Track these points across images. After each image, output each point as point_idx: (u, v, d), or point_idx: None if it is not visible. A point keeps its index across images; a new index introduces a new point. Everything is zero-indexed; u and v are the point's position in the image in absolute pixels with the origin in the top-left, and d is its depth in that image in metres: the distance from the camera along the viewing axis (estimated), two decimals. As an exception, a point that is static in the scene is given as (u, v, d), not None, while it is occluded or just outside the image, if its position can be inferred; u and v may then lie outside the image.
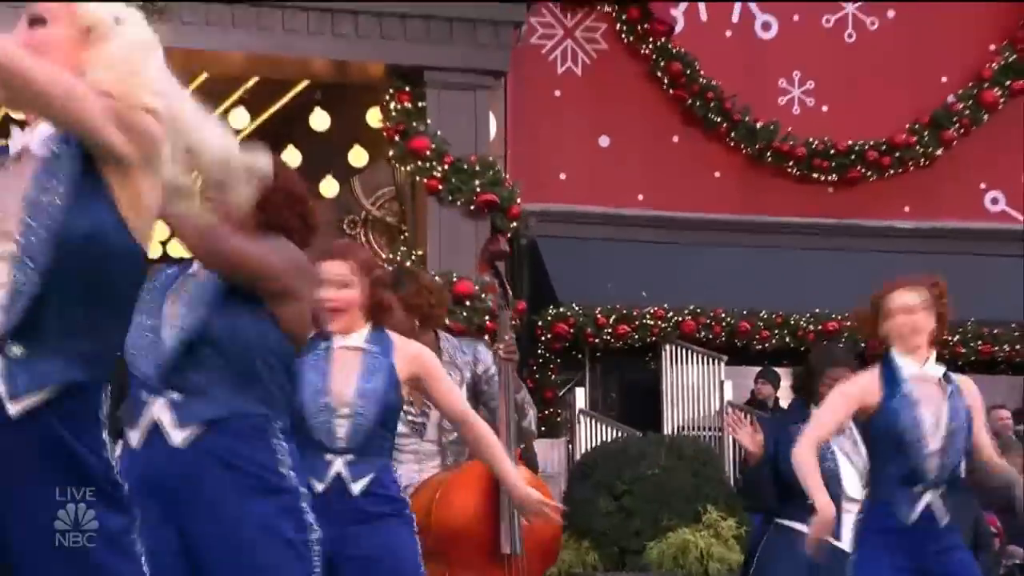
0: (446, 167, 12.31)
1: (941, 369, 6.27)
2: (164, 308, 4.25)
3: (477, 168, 12.47)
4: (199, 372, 4.09)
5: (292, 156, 13.47)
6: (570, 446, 14.07)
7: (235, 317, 4.16)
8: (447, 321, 11.84)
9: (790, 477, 6.98)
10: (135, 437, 4.15)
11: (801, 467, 6.24)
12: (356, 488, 5.27)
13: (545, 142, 15.64)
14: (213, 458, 4.06)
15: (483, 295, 12.30)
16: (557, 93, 15.90)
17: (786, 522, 7.41)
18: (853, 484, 7.13)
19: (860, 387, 6.28)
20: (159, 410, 4.13)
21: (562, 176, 15.91)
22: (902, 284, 6.34)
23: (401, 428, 5.93)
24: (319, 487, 5.09)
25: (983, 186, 16.51)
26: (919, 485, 6.02)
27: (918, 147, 16.46)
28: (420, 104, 12.39)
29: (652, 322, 15.09)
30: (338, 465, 5.22)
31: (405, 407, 5.83)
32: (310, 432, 5.24)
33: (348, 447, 5.26)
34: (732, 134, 16.23)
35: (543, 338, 14.76)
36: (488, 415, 7.10)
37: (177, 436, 4.06)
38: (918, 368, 6.19)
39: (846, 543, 6.84)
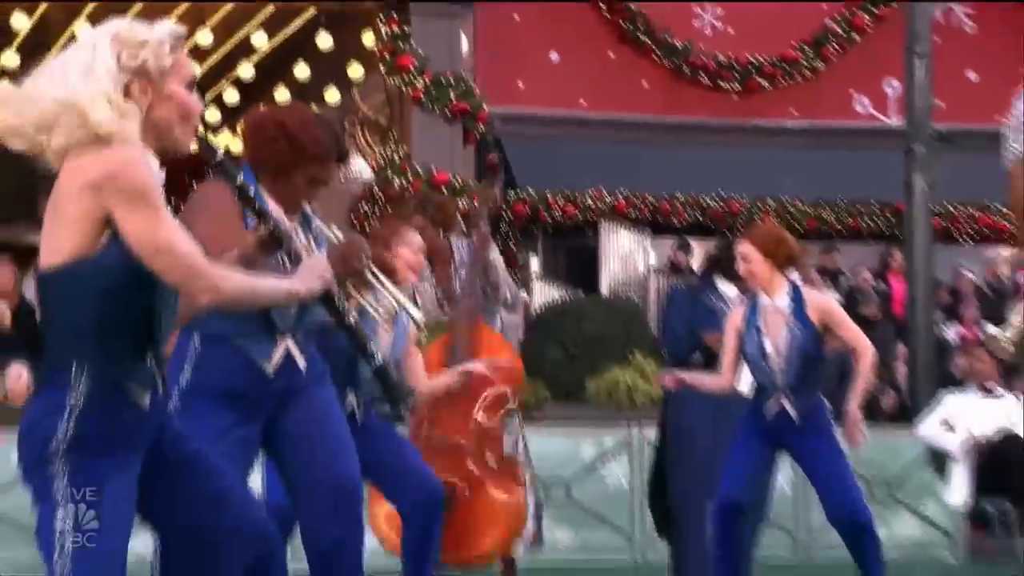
0: (427, 80, 12.32)
1: (787, 300, 6.21)
2: None
3: (452, 81, 12.45)
4: None
5: (302, 70, 13.36)
6: (526, 305, 14.10)
7: None
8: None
9: (699, 338, 7.13)
10: None
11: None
12: None
13: (507, 58, 15.57)
14: None
15: (459, 186, 12.32)
16: (516, 18, 15.81)
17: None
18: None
19: (734, 320, 6.37)
20: None
21: (521, 85, 15.94)
22: (746, 236, 6.40)
23: None
24: None
25: (853, 93, 16.44)
26: (771, 391, 6.11)
27: (803, 62, 16.47)
28: (406, 29, 12.42)
29: (592, 203, 15.15)
30: None
31: None
32: None
33: None
34: (657, 51, 16.18)
35: (505, 216, 14.77)
36: (491, 295, 7.25)
37: None
38: (769, 302, 6.22)
39: (747, 388, 6.87)
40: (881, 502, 10.67)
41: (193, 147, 2.94)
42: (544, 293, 14.21)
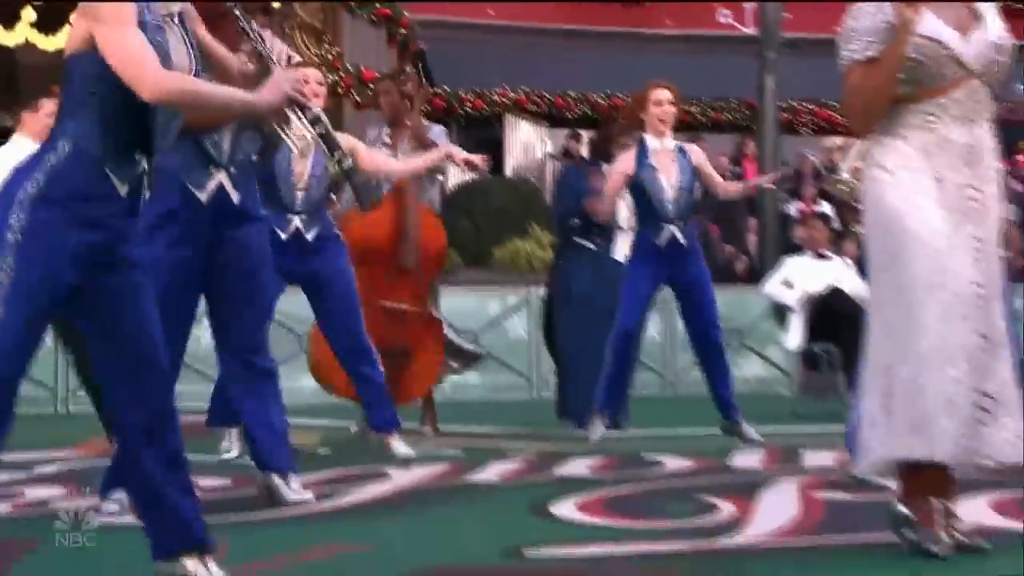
0: None
1: (674, 143, 6.44)
2: None
3: None
4: None
5: None
6: (443, 184, 14.07)
7: None
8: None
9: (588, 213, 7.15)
10: None
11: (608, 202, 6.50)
12: None
13: None
14: None
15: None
16: None
17: (581, 240, 7.39)
18: (625, 217, 7.22)
19: (624, 166, 6.41)
20: None
21: (436, -2, 15.67)
22: (657, 83, 6.47)
23: None
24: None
25: (717, 7, 16.44)
26: (663, 222, 6.25)
27: None
28: None
29: (498, 99, 15.09)
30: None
31: None
32: None
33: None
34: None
35: (426, 108, 14.67)
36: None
37: None
38: (659, 144, 6.34)
39: (620, 257, 6.98)
40: (734, 348, 10.91)
41: None
42: (457, 174, 14.19)
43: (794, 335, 8.71)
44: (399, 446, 5.77)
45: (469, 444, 6.63)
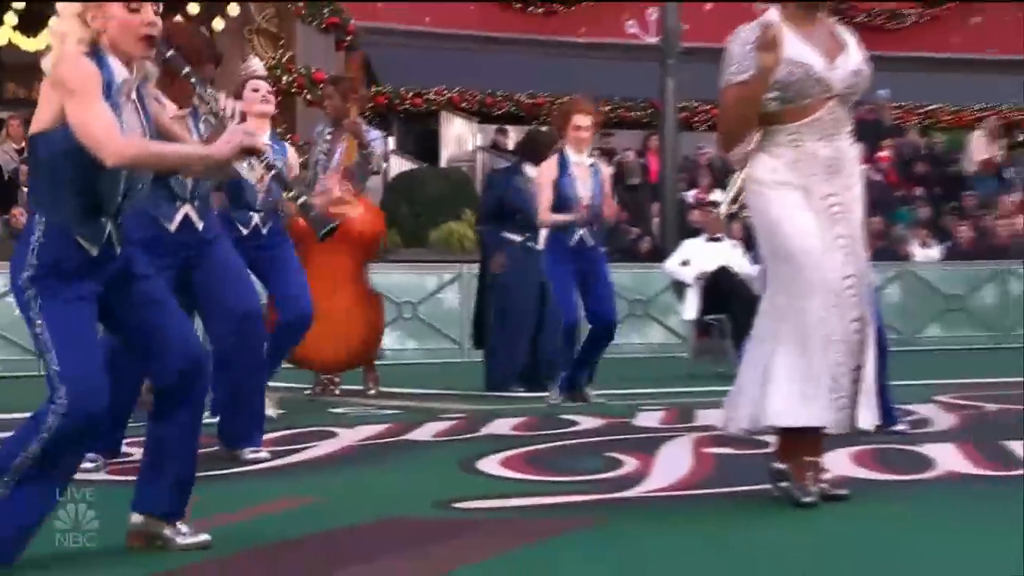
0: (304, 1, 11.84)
1: (590, 159, 6.57)
2: None
3: (327, 3, 12.02)
4: None
5: None
6: (386, 173, 14.00)
7: None
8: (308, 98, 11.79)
9: (510, 208, 7.31)
10: None
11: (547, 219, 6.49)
12: None
13: None
14: None
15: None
16: None
17: (508, 234, 7.39)
18: None
19: (549, 172, 6.41)
20: None
21: (380, 5, 15.51)
22: (580, 108, 6.50)
23: None
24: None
25: (626, 17, 16.44)
26: (574, 226, 6.37)
27: None
28: None
29: (434, 97, 14.97)
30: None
31: None
32: None
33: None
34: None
35: (369, 107, 14.56)
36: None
37: None
38: (578, 158, 6.41)
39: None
40: (639, 317, 11.10)
41: (143, 48, 2.83)
42: (398, 164, 14.12)
43: (690, 307, 8.81)
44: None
45: (408, 404, 6.62)
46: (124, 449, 4.37)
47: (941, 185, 14.67)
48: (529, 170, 7.12)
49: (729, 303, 8.22)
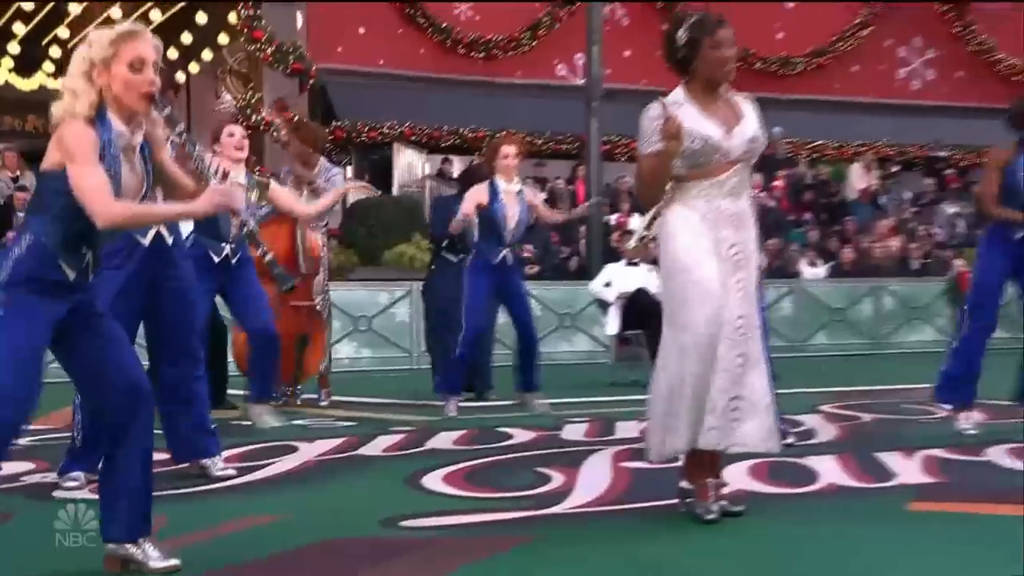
0: (273, 47, 11.70)
1: (518, 186, 6.55)
2: None
3: (291, 49, 11.90)
4: None
5: (186, 36, 12.53)
6: (345, 200, 13.83)
7: None
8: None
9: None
10: None
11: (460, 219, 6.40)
12: None
13: (330, 31, 14.83)
14: None
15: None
16: (335, 2, 15.12)
17: (448, 255, 7.38)
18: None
19: (478, 196, 6.39)
20: None
21: (339, 49, 15.26)
22: (507, 140, 6.55)
23: None
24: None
25: (556, 62, 16.44)
26: (500, 246, 6.41)
27: (524, 40, 16.20)
28: (258, 11, 11.65)
29: (388, 131, 14.82)
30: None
31: None
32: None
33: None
34: (431, 30, 15.77)
35: (330, 138, 14.38)
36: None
37: None
38: (506, 186, 6.39)
39: None
40: (568, 328, 11.12)
41: (144, 105, 2.83)
42: (354, 193, 13.97)
43: (612, 323, 8.82)
44: (268, 417, 5.80)
45: (362, 414, 6.52)
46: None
47: (826, 211, 14.86)
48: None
49: (645, 320, 8.21)
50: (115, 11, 11.70)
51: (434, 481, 4.25)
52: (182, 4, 11.89)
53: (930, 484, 4.17)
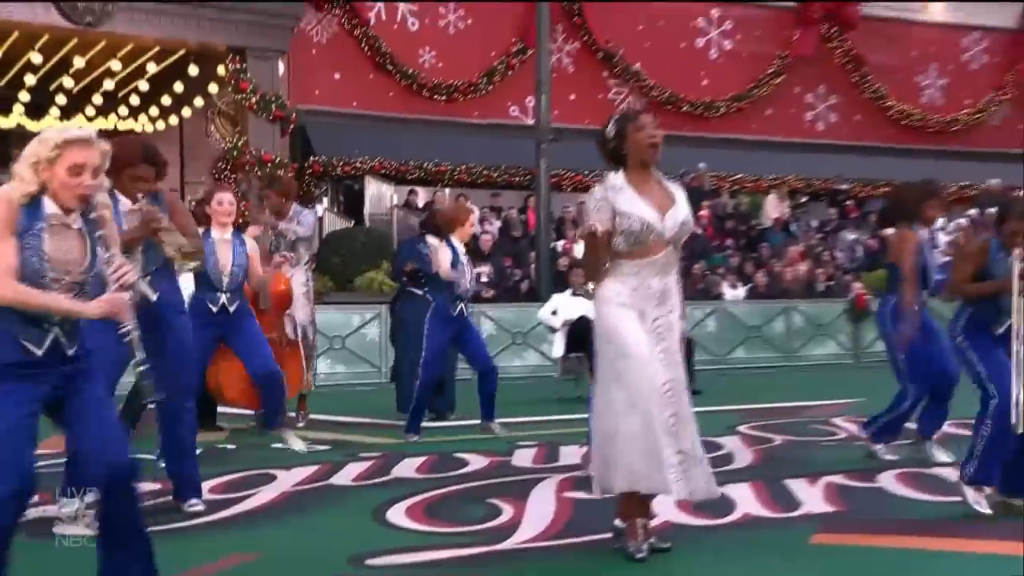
0: (257, 96, 11.48)
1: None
2: None
3: (273, 98, 11.69)
4: None
5: (179, 86, 12.28)
6: (321, 231, 13.64)
7: None
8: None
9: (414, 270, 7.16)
10: None
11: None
12: None
13: (309, 76, 14.63)
14: None
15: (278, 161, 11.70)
16: (313, 52, 14.89)
17: (412, 288, 7.31)
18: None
19: (444, 254, 6.17)
20: None
21: (317, 92, 15.07)
22: (462, 214, 6.40)
23: None
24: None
25: (509, 104, 16.36)
26: (457, 300, 6.19)
27: (481, 84, 16.00)
28: (244, 64, 11.45)
29: (360, 165, 14.68)
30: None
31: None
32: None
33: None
34: (397, 75, 15.53)
35: (308, 172, 14.22)
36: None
37: None
38: (462, 248, 6.28)
39: None
40: (519, 345, 11.10)
41: (77, 203, 2.72)
42: (331, 222, 13.82)
43: (558, 346, 8.81)
44: (292, 439, 5.77)
45: (335, 436, 6.39)
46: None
47: (745, 238, 14.95)
48: (430, 239, 7.00)
49: (586, 343, 8.18)
50: (115, 64, 11.46)
51: (398, 515, 4.16)
52: (176, 58, 11.58)
53: (831, 513, 4.17)
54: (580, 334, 8.41)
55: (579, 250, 13.12)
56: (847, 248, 15.11)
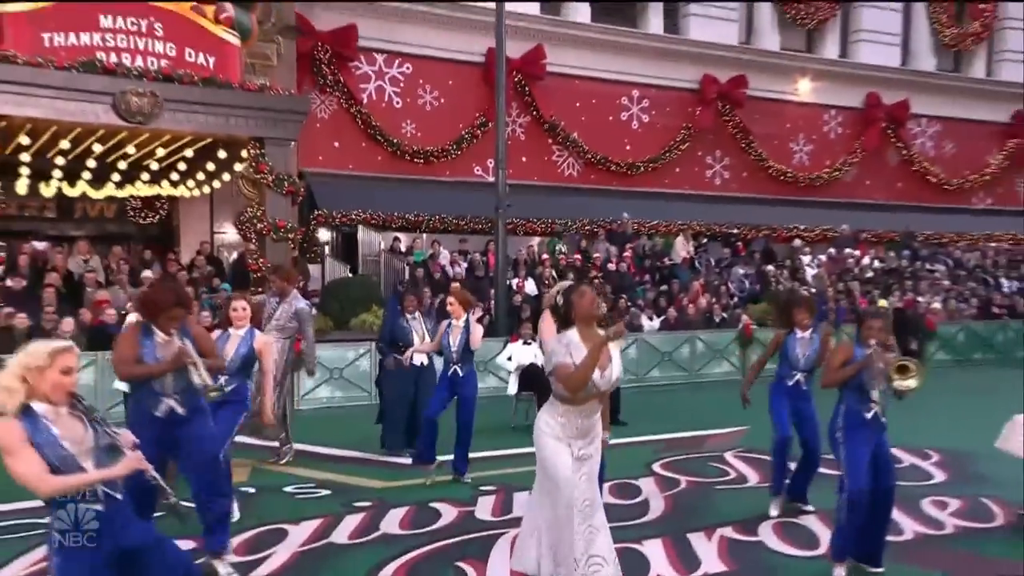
0: (273, 176, 11.17)
1: (462, 322, 5.93)
2: None
3: (285, 177, 11.33)
4: None
5: (210, 165, 11.88)
6: (324, 278, 13.40)
7: None
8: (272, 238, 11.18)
9: (393, 337, 6.79)
10: None
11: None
12: None
13: (312, 145, 14.46)
14: None
15: (289, 227, 11.37)
16: (317, 126, 14.72)
17: (391, 351, 6.99)
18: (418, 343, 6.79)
19: (441, 328, 6.04)
20: None
21: (320, 158, 14.91)
22: (452, 296, 6.02)
23: None
24: None
25: (475, 165, 16.27)
26: (450, 363, 5.98)
27: (451, 150, 15.86)
28: (263, 150, 11.09)
29: (353, 216, 14.46)
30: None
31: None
32: None
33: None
34: (385, 144, 15.39)
35: (313, 222, 13.97)
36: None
37: None
38: (456, 322, 6.00)
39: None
40: (481, 372, 10.49)
41: (65, 400, 2.63)
42: (332, 269, 13.61)
43: (512, 386, 8.71)
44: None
45: (334, 478, 6.03)
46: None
47: (659, 273, 15.02)
48: (408, 316, 6.84)
49: (535, 383, 8.16)
50: (159, 151, 11.16)
51: None
52: (207, 143, 11.31)
53: (724, 573, 4.10)
54: (529, 375, 8.45)
55: (529, 287, 13.11)
56: (737, 281, 15.30)
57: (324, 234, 14.56)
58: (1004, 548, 4.43)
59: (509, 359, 8.80)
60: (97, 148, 10.53)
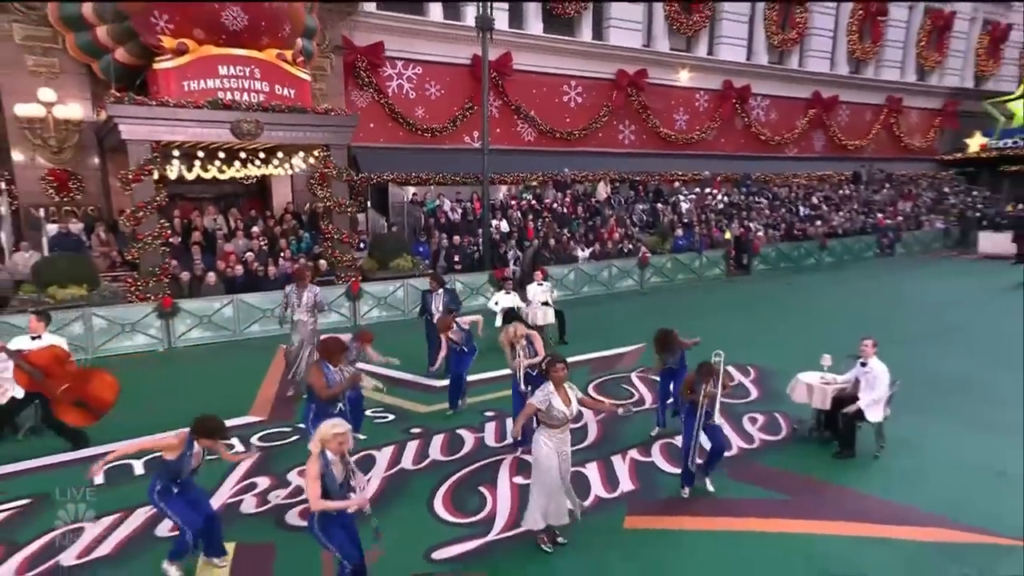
0: (336, 170, 10.09)
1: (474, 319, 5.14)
2: None
3: (343, 170, 10.26)
4: None
5: (297, 160, 10.32)
6: (372, 231, 12.16)
7: None
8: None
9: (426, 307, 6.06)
10: None
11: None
12: None
13: (362, 129, 12.61)
14: None
15: (347, 207, 10.40)
16: (358, 113, 12.60)
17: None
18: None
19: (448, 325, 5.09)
20: None
21: (361, 135, 13.25)
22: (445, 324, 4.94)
23: None
24: None
25: (466, 136, 14.93)
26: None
27: (449, 126, 14.47)
28: (328, 153, 9.88)
29: (385, 177, 13.40)
30: None
31: None
32: None
33: None
34: (403, 123, 14.01)
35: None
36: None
37: None
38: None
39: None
40: (472, 295, 10.42)
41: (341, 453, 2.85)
42: (372, 216, 12.61)
43: (498, 320, 8.21)
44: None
45: (390, 402, 4.94)
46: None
47: (588, 211, 14.54)
48: (433, 292, 6.42)
49: (514, 319, 7.55)
50: (261, 153, 10.08)
51: (439, 505, 3.75)
52: (291, 145, 10.09)
53: (632, 492, 3.86)
54: (509, 315, 8.17)
55: (504, 227, 12.65)
56: (639, 215, 15.09)
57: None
58: (783, 459, 3.80)
59: (496, 304, 8.68)
60: (221, 155, 9.77)
